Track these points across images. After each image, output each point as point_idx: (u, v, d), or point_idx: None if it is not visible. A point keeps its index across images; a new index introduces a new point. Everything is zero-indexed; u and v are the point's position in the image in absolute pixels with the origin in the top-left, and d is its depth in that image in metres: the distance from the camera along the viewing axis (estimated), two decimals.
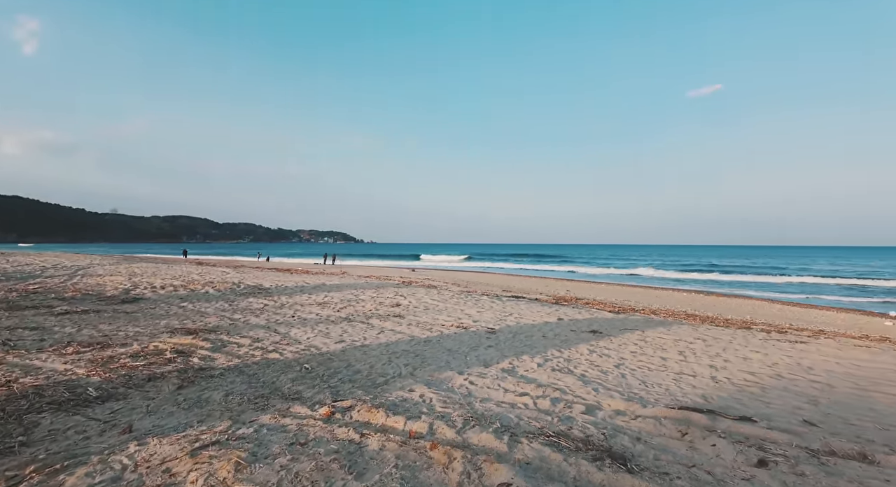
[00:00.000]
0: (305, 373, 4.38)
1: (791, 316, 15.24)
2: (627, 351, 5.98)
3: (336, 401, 3.54)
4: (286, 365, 4.66)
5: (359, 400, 3.56)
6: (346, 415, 3.25)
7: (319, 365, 4.68)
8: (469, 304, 9.85)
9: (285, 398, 3.65)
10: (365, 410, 3.32)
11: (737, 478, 2.52)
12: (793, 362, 5.63)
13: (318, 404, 3.48)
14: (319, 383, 4.09)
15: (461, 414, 3.33)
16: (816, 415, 3.71)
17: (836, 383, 4.73)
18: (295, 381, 4.11)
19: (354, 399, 3.61)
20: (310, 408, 3.37)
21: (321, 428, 2.97)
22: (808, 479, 2.52)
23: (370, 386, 4.04)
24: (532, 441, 2.87)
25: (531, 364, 5.11)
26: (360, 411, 3.31)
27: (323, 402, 3.52)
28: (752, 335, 7.83)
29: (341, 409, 3.35)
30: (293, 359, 4.87)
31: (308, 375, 4.33)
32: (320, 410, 3.31)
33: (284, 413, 3.27)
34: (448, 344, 5.91)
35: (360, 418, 3.21)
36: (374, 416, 3.22)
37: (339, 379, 4.25)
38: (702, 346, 6.41)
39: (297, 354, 5.10)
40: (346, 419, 3.19)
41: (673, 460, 2.74)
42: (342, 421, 3.13)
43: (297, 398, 3.66)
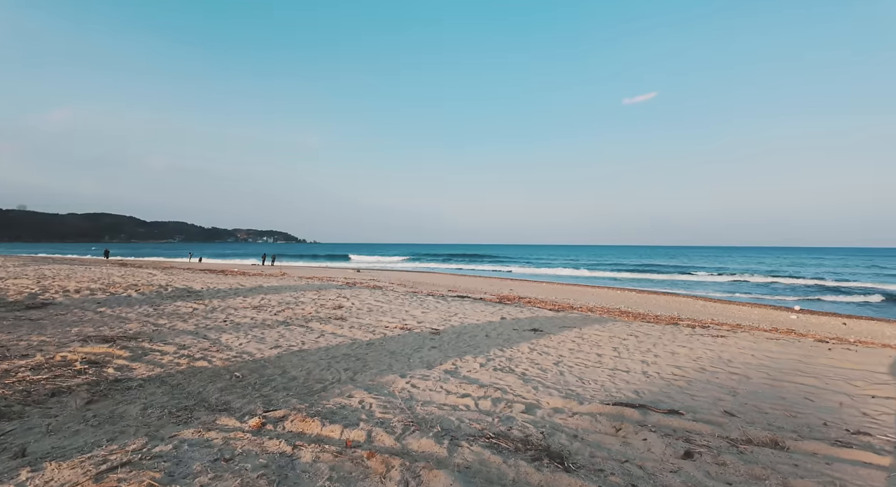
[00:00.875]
0: (236, 382, 4.11)
1: (712, 312, 16.43)
2: (566, 348, 6.16)
3: (268, 411, 3.34)
4: (215, 373, 4.35)
5: (293, 409, 3.38)
6: (279, 426, 3.07)
7: (252, 373, 4.41)
8: (414, 305, 9.76)
9: (212, 409, 3.40)
10: (299, 420, 3.15)
11: (665, 471, 2.62)
12: (714, 355, 6.03)
13: (247, 415, 3.27)
14: (251, 392, 3.85)
15: (401, 420, 3.25)
16: (735, 406, 3.98)
17: (752, 374, 5.11)
18: (224, 391, 3.84)
19: (288, 408, 3.43)
20: (238, 420, 3.16)
21: (250, 441, 2.78)
22: (728, 468, 2.67)
23: (306, 394, 3.85)
24: (472, 444, 2.84)
25: (474, 364, 5.11)
26: (293, 421, 3.14)
27: (253, 413, 3.31)
28: (679, 330, 8.34)
29: (273, 420, 3.16)
30: (223, 367, 4.56)
31: (239, 384, 4.06)
32: (250, 421, 3.10)
33: (210, 426, 3.04)
34: (391, 347, 5.80)
35: (293, 428, 3.04)
36: (309, 426, 3.06)
37: (273, 387, 4.02)
38: (634, 342, 6.73)
39: (228, 361, 4.78)
40: (278, 430, 3.01)
41: (608, 456, 2.81)
42: (273, 433, 2.94)
43: (224, 409, 3.42)
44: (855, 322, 15.71)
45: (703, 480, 2.52)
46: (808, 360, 5.92)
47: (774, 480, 2.55)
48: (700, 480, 2.52)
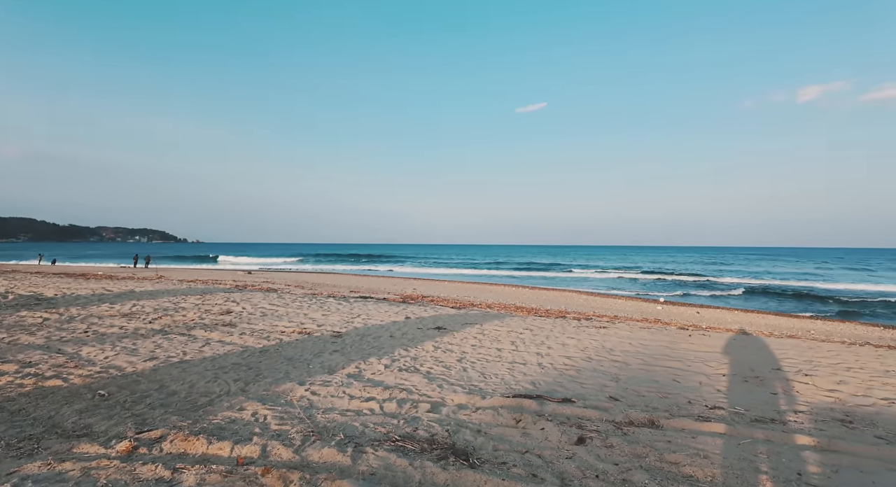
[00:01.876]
0: (100, 402, 3.54)
1: (594, 305, 18.07)
2: (468, 344, 6.31)
3: (141, 433, 2.92)
4: (72, 393, 3.71)
5: (173, 428, 2.99)
6: (155, 448, 2.69)
7: (121, 390, 3.84)
8: (314, 308, 9.31)
9: (67, 436, 2.89)
10: (180, 439, 2.79)
11: (562, 458, 2.78)
12: (599, 345, 6.61)
13: (115, 438, 2.82)
14: (120, 412, 3.34)
15: (301, 430, 3.05)
16: (618, 391, 4.38)
17: (630, 361, 5.69)
18: (84, 413, 3.29)
19: (167, 427, 3.03)
20: (103, 445, 2.71)
21: (118, 469, 2.40)
22: (615, 450, 2.91)
23: (189, 410, 3.45)
24: (377, 448, 2.76)
25: (378, 366, 5.00)
26: (173, 441, 2.77)
27: (122, 436, 2.87)
28: (568, 323, 9.02)
29: (147, 442, 2.76)
30: (83, 385, 3.91)
31: (104, 403, 3.51)
32: (118, 446, 2.68)
33: (64, 455, 2.56)
34: (288, 353, 5.45)
35: (172, 449, 2.69)
36: (192, 445, 2.73)
37: (148, 404, 3.54)
38: (530, 336, 7.12)
39: (90, 378, 4.12)
40: (154, 453, 2.64)
41: (509, 448, 2.90)
42: (148, 457, 2.57)
43: (84, 434, 2.92)
44: (706, 311, 18.35)
45: (595, 463, 2.71)
46: (674, 346, 6.75)
47: (653, 456, 2.83)
48: (592, 463, 2.71)
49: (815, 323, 15.01)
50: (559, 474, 2.56)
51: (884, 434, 3.40)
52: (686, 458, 2.81)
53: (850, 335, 11.57)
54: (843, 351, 6.84)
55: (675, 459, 2.80)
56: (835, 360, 6.10)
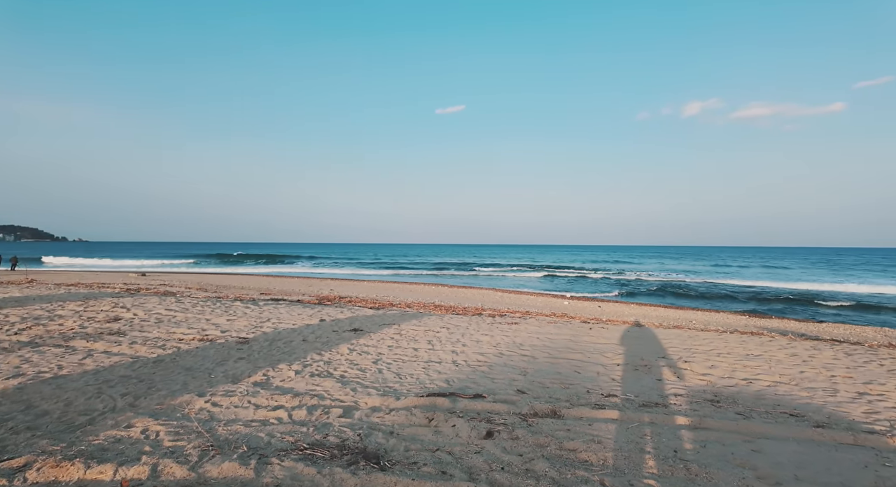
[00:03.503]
0: None
1: (508, 302, 18.84)
2: (385, 345, 6.28)
3: None
4: None
5: (41, 454, 2.63)
6: (17, 479, 2.36)
7: None
8: (217, 312, 8.68)
9: None
10: (50, 466, 2.47)
11: (471, 453, 2.88)
12: (510, 340, 6.92)
13: None
14: None
15: (198, 445, 2.84)
16: (525, 384, 4.62)
17: (537, 355, 6.03)
18: None
19: (33, 452, 2.66)
20: None
21: None
22: (520, 441, 3.07)
23: (63, 431, 3.06)
24: (284, 458, 2.65)
25: (289, 372, 4.80)
26: (41, 469, 2.45)
27: None
28: (483, 320, 9.33)
29: (7, 472, 2.41)
30: None
31: None
32: None
33: None
34: (187, 362, 5.03)
35: (40, 478, 2.37)
36: (66, 471, 2.43)
37: (10, 428, 3.08)
38: (446, 334, 7.26)
39: None
40: (16, 484, 2.31)
41: (421, 447, 2.94)
42: None
43: None
44: (607, 305, 19.93)
45: (501, 455, 2.84)
46: (576, 339, 7.27)
47: (554, 445, 3.03)
48: (498, 456, 2.84)
49: (695, 314, 16.96)
50: (467, 469, 2.65)
51: (742, 411, 3.95)
52: (583, 445, 3.05)
53: (723, 324, 13.24)
54: (716, 339, 7.83)
55: (573, 446, 3.02)
56: (709, 347, 6.96)
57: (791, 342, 7.89)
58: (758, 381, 5.01)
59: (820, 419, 3.77)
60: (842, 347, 7.46)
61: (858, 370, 5.66)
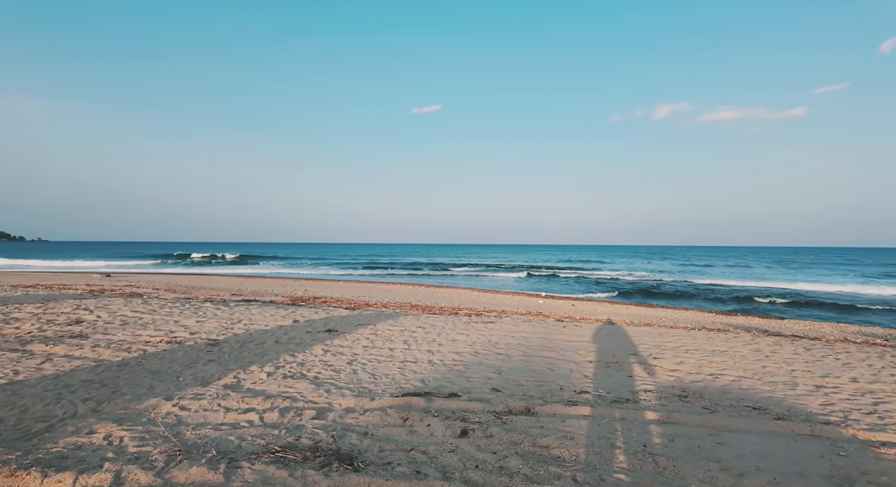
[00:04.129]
0: None
1: (485, 301, 18.96)
2: (360, 346, 6.23)
3: None
4: None
5: None
6: None
7: None
8: (187, 314, 8.44)
9: None
10: (4, 476, 2.36)
11: (445, 452, 2.88)
12: (485, 339, 6.97)
13: None
14: None
15: (165, 450, 2.75)
16: (500, 382, 4.66)
17: (513, 353, 6.09)
18: None
19: None
20: None
21: None
22: (494, 439, 3.10)
23: (19, 439, 2.92)
24: (255, 462, 2.60)
25: (260, 374, 4.71)
26: None
27: None
28: (459, 319, 9.36)
29: None
30: None
31: None
32: None
33: None
34: (154, 365, 4.88)
35: None
36: (21, 481, 2.32)
37: None
38: (422, 334, 7.25)
39: None
40: None
41: (395, 448, 2.93)
42: None
43: None
44: (581, 303, 20.27)
45: (475, 453, 2.86)
46: (550, 337, 7.38)
47: (527, 442, 3.07)
48: (473, 454, 2.85)
49: (665, 312, 17.44)
50: (442, 468, 2.66)
51: (708, 405, 4.09)
52: (555, 441, 3.09)
53: (692, 321, 13.66)
54: (684, 336, 8.08)
55: (546, 443, 3.06)
56: (677, 344, 7.17)
57: (755, 338, 8.20)
58: (723, 376, 5.19)
59: (780, 411, 3.93)
60: (801, 342, 7.81)
61: (816, 364, 5.93)
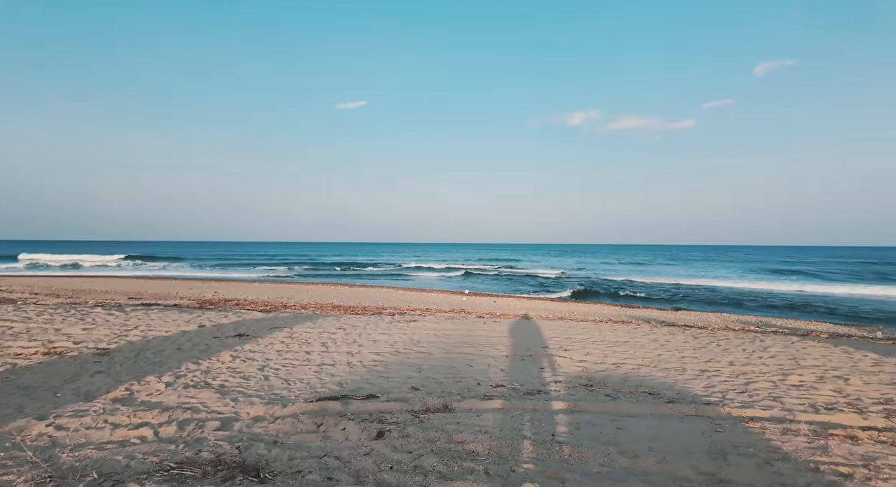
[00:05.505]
0: None
1: (410, 300, 18.96)
2: (274, 350, 5.93)
3: None
4: None
5: None
6: None
7: None
8: (71, 321, 7.50)
9: None
10: None
11: (360, 455, 2.83)
12: (407, 338, 6.96)
13: None
14: None
15: (31, 478, 2.41)
16: (420, 381, 4.67)
17: (433, 351, 6.14)
18: None
19: None
20: None
21: None
22: (410, 439, 3.10)
23: None
24: (145, 482, 2.37)
25: (158, 385, 4.31)
26: None
27: None
28: (382, 319, 9.26)
29: None
30: None
31: None
32: None
33: None
34: (26, 380, 4.27)
35: None
36: None
37: None
38: (342, 335, 7.07)
39: None
40: None
41: (307, 455, 2.82)
42: None
43: None
44: (502, 299, 20.98)
45: (391, 455, 2.84)
46: (471, 333, 7.55)
47: (443, 439, 3.10)
48: (388, 455, 2.83)
49: (577, 306, 18.59)
50: (355, 472, 2.60)
51: (611, 392, 4.41)
52: (470, 436, 3.16)
53: (600, 314, 14.69)
54: (592, 329, 8.66)
55: (462, 438, 3.12)
56: (586, 336, 7.66)
57: (653, 328, 9.01)
58: (625, 365, 5.63)
59: (671, 395, 4.34)
60: (691, 331, 8.71)
61: (702, 350, 6.65)
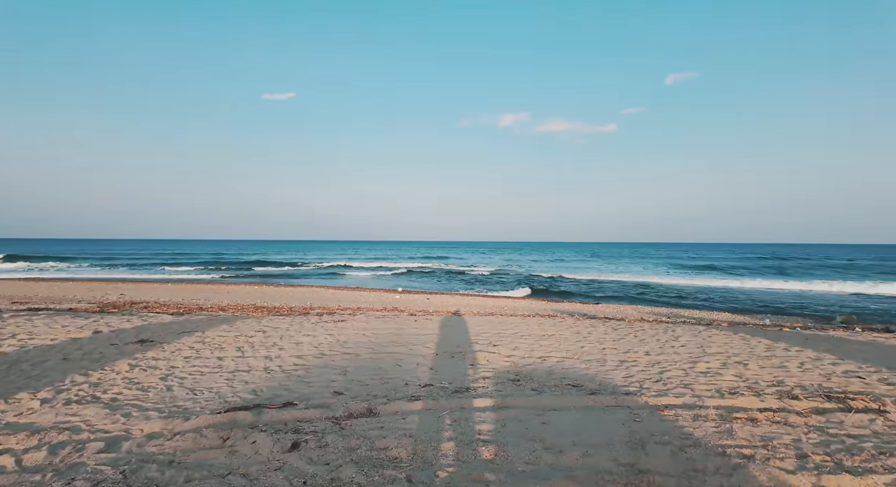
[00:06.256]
0: None
1: (341, 298, 18.39)
2: (181, 357, 5.38)
3: None
4: None
5: None
6: None
7: None
8: None
9: None
10: None
11: (270, 470, 2.57)
12: (333, 339, 6.64)
13: None
14: None
15: None
16: (344, 384, 4.43)
17: (361, 352, 5.89)
18: None
19: None
20: None
21: None
22: (329, 449, 2.88)
23: None
24: None
25: (32, 402, 3.71)
26: None
27: None
28: (308, 319, 8.80)
29: None
30: None
31: None
32: None
33: None
34: None
35: None
36: None
37: None
38: (261, 338, 6.60)
39: None
40: None
41: (208, 474, 2.52)
42: None
43: None
44: (434, 296, 20.98)
45: (306, 467, 2.61)
46: (401, 332, 7.37)
47: (365, 447, 2.91)
48: (303, 468, 2.60)
49: (507, 301, 19.03)
50: None
51: (537, 386, 4.45)
52: (394, 441, 3.00)
53: (528, 308, 15.11)
54: (521, 323, 8.83)
55: (385, 444, 2.95)
56: (514, 331, 7.78)
57: (576, 321, 9.37)
58: (550, 358, 5.75)
59: (594, 387, 4.46)
60: (611, 324, 9.15)
61: (620, 342, 6.97)
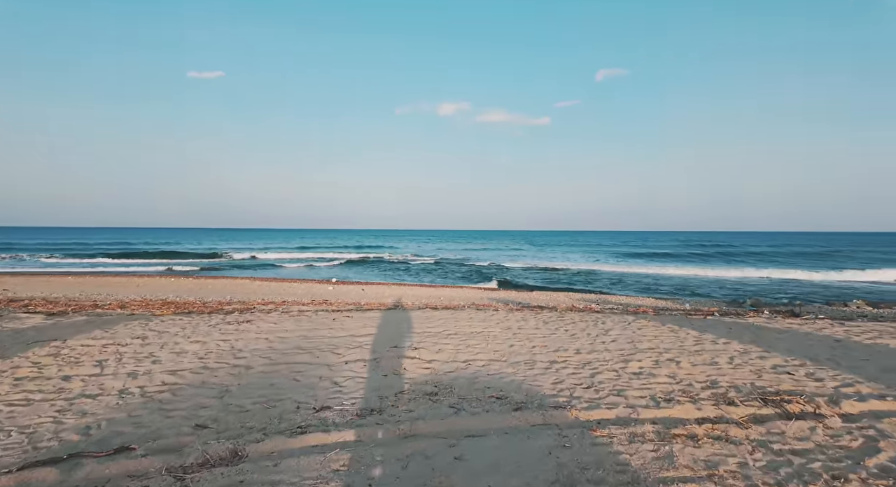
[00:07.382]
0: None
1: (267, 292, 16.99)
2: (11, 379, 4.21)
3: None
4: None
5: None
6: None
7: None
8: None
9: None
10: None
11: None
12: (228, 346, 5.65)
13: None
14: None
15: None
16: (217, 412, 3.55)
17: (255, 362, 4.97)
18: None
19: None
20: None
21: None
22: None
23: None
24: None
25: None
26: None
27: None
28: (210, 320, 7.64)
29: None
30: None
31: None
32: None
33: None
34: None
35: None
36: None
37: None
38: (137, 347, 5.48)
39: None
40: None
41: None
42: None
43: None
44: (371, 287, 20.05)
45: None
46: (312, 334, 6.48)
47: None
48: None
49: (444, 290, 18.52)
50: None
51: (456, 402, 3.80)
52: None
53: (464, 298, 14.63)
54: (450, 318, 8.18)
55: None
56: (442, 328, 7.12)
57: (508, 314, 8.87)
58: (476, 361, 5.14)
59: (520, 398, 3.88)
60: (542, 316, 8.73)
61: (550, 337, 6.51)
